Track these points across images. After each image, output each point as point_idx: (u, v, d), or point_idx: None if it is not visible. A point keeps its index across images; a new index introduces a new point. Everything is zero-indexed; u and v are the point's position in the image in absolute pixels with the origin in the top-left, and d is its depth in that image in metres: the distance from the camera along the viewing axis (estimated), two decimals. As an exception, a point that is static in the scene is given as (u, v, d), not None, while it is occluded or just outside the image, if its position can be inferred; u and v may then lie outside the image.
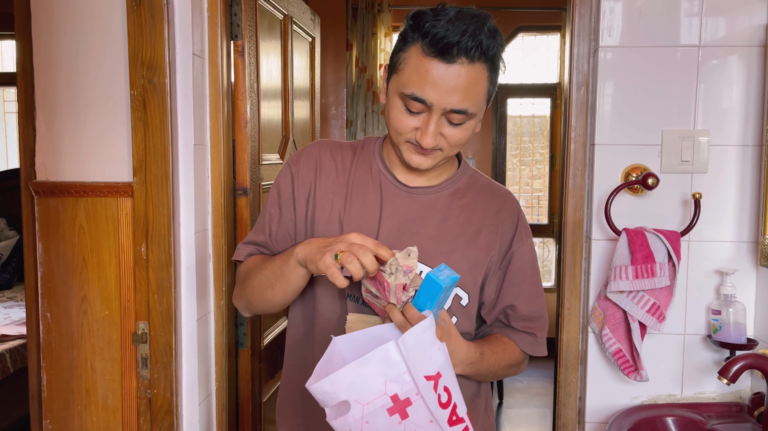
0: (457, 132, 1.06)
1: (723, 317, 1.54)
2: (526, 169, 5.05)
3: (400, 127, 1.07)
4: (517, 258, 1.20)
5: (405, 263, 0.98)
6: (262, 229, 1.22)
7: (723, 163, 1.58)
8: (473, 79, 1.02)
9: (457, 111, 1.03)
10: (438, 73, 1.00)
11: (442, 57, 1.00)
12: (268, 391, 2.09)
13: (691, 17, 1.57)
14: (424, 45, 1.00)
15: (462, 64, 1.00)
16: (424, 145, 1.05)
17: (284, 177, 1.20)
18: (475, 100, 1.04)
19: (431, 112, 1.03)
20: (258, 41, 1.92)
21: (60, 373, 1.61)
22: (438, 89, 1.01)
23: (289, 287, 1.09)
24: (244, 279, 1.19)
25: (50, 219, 1.58)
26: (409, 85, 1.03)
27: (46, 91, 1.58)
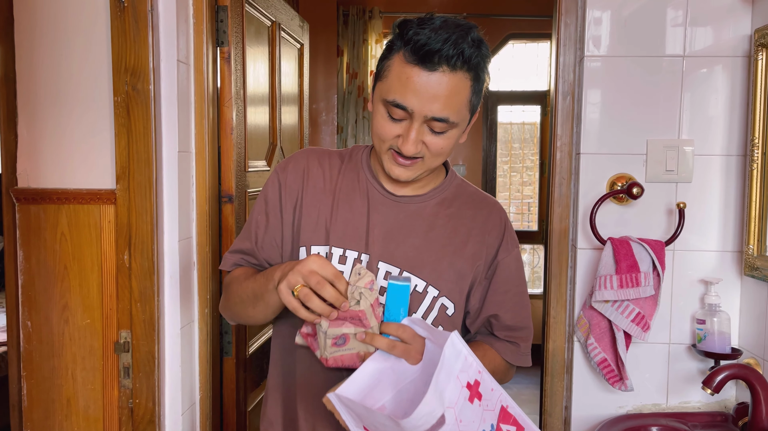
0: (438, 141, 1.06)
1: (707, 326, 1.54)
2: (516, 175, 5.06)
3: (382, 133, 1.07)
4: (502, 268, 1.19)
5: (364, 282, 0.97)
6: (248, 237, 1.21)
7: (707, 172, 1.59)
8: (454, 87, 1.02)
9: (437, 119, 1.03)
10: (419, 81, 1.00)
11: (423, 64, 1.00)
12: (253, 400, 2.08)
13: (676, 27, 1.57)
14: (407, 52, 1.01)
15: (443, 72, 1.00)
16: (405, 152, 1.05)
17: (272, 185, 1.19)
18: (456, 109, 1.03)
19: (412, 119, 1.03)
20: (245, 47, 1.91)
21: (41, 382, 1.59)
22: (419, 96, 1.01)
23: (269, 308, 1.09)
24: (229, 292, 1.19)
25: (31, 227, 1.56)
26: (392, 91, 1.03)
27: (29, 97, 1.56)
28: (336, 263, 1.13)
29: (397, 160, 1.08)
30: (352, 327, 0.98)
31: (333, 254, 1.13)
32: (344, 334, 0.98)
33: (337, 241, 1.13)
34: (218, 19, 1.78)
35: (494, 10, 4.50)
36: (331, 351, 0.99)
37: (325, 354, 0.99)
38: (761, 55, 1.48)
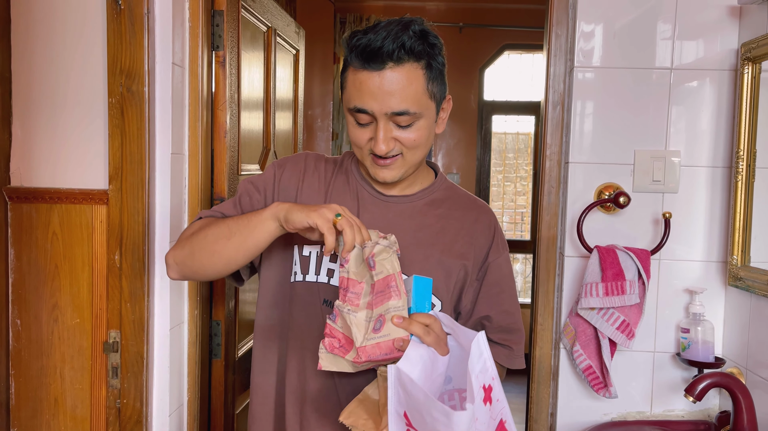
0: (409, 134, 1.09)
1: (692, 335, 1.56)
2: (510, 185, 5.09)
3: (356, 140, 1.12)
4: (493, 269, 1.21)
5: (392, 244, 0.99)
6: (233, 207, 1.22)
7: (693, 183, 1.61)
8: (406, 79, 1.05)
9: (398, 113, 1.06)
10: (371, 82, 1.04)
11: (369, 66, 1.04)
12: (241, 403, 2.08)
13: (665, 40, 1.60)
14: (354, 59, 1.06)
15: (391, 68, 1.04)
16: (378, 151, 1.08)
17: (268, 176, 1.22)
18: (414, 100, 1.06)
19: (377, 120, 1.07)
20: (240, 52, 1.93)
21: (29, 381, 1.59)
22: (375, 97, 1.05)
23: (249, 240, 1.07)
24: (192, 233, 1.15)
25: (23, 225, 1.57)
26: (352, 99, 1.08)
27: (24, 97, 1.58)
28: (327, 262, 1.16)
29: (378, 162, 1.11)
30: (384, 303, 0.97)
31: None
32: (380, 316, 0.97)
33: None
34: (214, 23, 1.80)
35: (490, 21, 4.54)
36: (370, 338, 0.96)
37: (365, 341, 0.96)
38: (747, 68, 1.51)
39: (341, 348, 0.98)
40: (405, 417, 0.92)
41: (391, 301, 0.97)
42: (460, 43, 4.55)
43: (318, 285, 1.17)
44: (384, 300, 0.98)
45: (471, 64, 4.65)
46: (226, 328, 1.91)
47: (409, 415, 0.92)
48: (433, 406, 0.87)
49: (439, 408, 0.86)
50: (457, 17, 4.55)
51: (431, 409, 0.87)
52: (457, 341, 1.02)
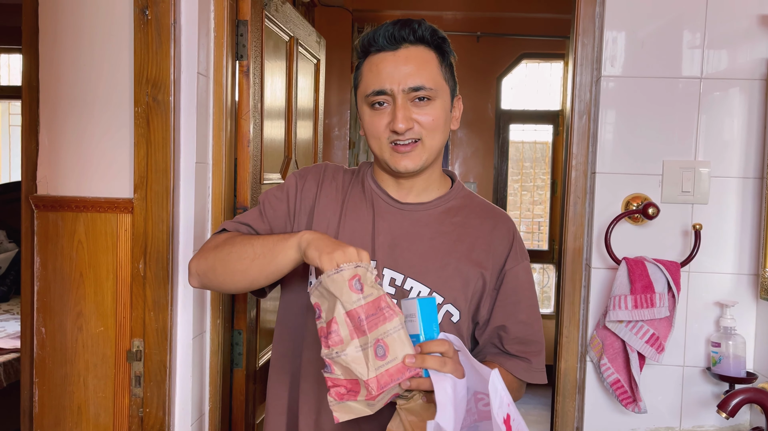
0: (427, 113, 1.11)
1: (722, 350, 1.53)
2: (527, 194, 5.06)
3: (374, 129, 1.12)
4: (510, 278, 1.19)
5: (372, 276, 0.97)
6: (260, 217, 1.21)
7: (723, 194, 1.58)
8: (421, 57, 1.11)
9: (415, 88, 1.09)
10: (387, 62, 1.10)
11: (387, 46, 1.11)
12: (261, 413, 2.07)
13: (693, 49, 1.58)
14: (370, 49, 1.12)
15: (407, 48, 1.11)
16: (398, 129, 1.09)
17: (290, 185, 1.23)
18: (430, 76, 1.10)
19: (395, 99, 1.10)
20: (263, 62, 1.94)
21: (52, 389, 1.59)
22: (391, 75, 1.09)
23: (271, 265, 1.06)
24: (219, 245, 1.14)
25: (49, 234, 1.58)
26: (369, 85, 1.12)
27: (51, 106, 1.59)
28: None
29: (398, 149, 1.11)
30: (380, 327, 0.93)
31: None
32: (379, 340, 0.92)
33: None
34: (238, 33, 1.81)
35: (508, 30, 4.54)
36: (377, 366, 0.92)
37: (371, 373, 0.91)
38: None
39: (350, 392, 0.94)
40: None
41: (387, 324, 0.93)
42: (478, 52, 4.54)
43: None
44: (378, 323, 0.93)
45: (488, 73, 4.64)
46: (247, 338, 1.90)
47: None
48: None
49: None
50: (474, 26, 4.54)
51: None
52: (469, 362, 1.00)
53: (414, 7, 4.45)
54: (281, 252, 1.04)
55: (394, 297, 1.12)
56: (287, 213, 1.21)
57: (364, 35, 1.13)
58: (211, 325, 1.75)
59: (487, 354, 1.21)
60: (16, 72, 4.76)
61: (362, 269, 0.94)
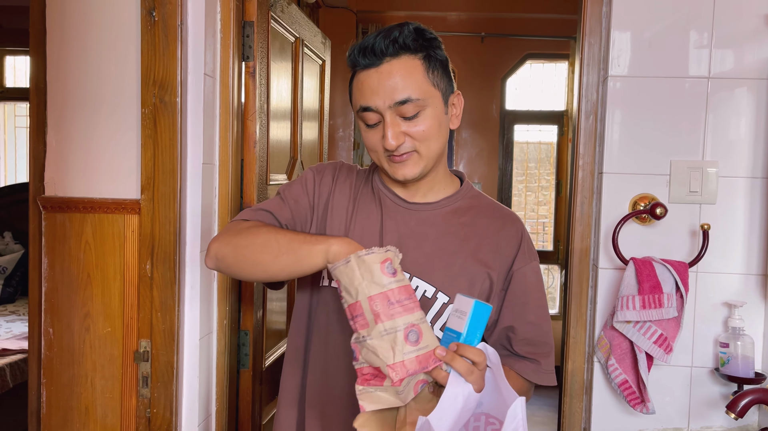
0: (417, 126, 1.09)
1: (731, 350, 1.52)
2: (531, 195, 5.05)
3: (370, 144, 1.13)
4: (518, 278, 1.18)
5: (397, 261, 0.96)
6: (283, 206, 1.20)
7: (731, 194, 1.58)
8: (405, 69, 1.08)
9: (400, 102, 1.07)
10: (371, 79, 1.08)
11: (367, 64, 1.08)
12: (268, 413, 2.07)
13: (700, 49, 1.58)
14: (355, 62, 1.10)
15: (389, 62, 1.08)
16: (388, 146, 1.08)
17: (309, 178, 1.24)
18: (415, 87, 1.08)
19: (383, 115, 1.08)
20: (269, 63, 1.94)
21: (60, 390, 1.59)
22: (377, 91, 1.07)
23: (294, 266, 1.05)
24: (243, 231, 1.12)
25: (57, 235, 1.58)
26: (357, 101, 1.11)
27: (58, 107, 1.59)
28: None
29: (394, 160, 1.11)
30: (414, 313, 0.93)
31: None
32: (413, 326, 0.91)
33: None
34: (245, 34, 1.81)
35: (512, 31, 4.53)
36: (407, 351, 0.91)
37: (398, 357, 0.90)
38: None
39: (376, 379, 0.93)
40: None
41: (419, 312, 0.94)
42: (482, 52, 4.54)
43: None
44: (412, 309, 0.94)
45: (493, 73, 4.63)
46: (254, 338, 1.90)
47: None
48: None
49: None
50: (479, 27, 4.54)
51: None
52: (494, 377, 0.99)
53: (418, 8, 4.45)
54: (307, 256, 1.03)
55: None
56: (309, 205, 1.22)
57: (350, 50, 1.12)
58: (217, 326, 1.75)
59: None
60: (21, 74, 4.78)
61: (392, 253, 0.95)
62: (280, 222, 1.19)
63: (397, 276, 0.93)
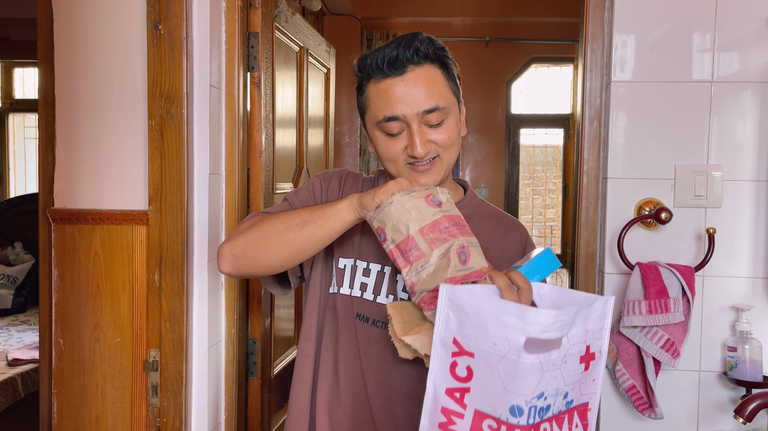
0: (442, 133, 1.10)
1: (739, 354, 1.52)
2: (539, 198, 5.05)
3: (390, 154, 1.12)
4: None
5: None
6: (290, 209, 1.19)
7: (737, 198, 1.58)
8: (429, 77, 1.09)
9: (429, 110, 1.08)
10: (397, 88, 1.08)
11: (393, 72, 1.08)
12: (277, 421, 2.08)
13: (703, 53, 1.58)
14: (374, 74, 1.10)
15: (413, 71, 1.08)
16: (417, 155, 1.08)
17: (316, 186, 1.25)
18: (440, 95, 1.09)
19: (409, 124, 1.08)
20: (274, 72, 1.96)
21: (71, 400, 1.61)
22: (403, 101, 1.07)
23: (323, 229, 1.04)
24: (257, 222, 1.11)
25: (66, 246, 1.60)
26: (380, 111, 1.10)
27: (67, 120, 1.61)
28: (360, 275, 1.16)
29: (417, 169, 1.12)
30: (464, 236, 0.95)
31: (357, 267, 1.18)
32: (463, 247, 0.93)
33: (361, 255, 1.18)
34: (249, 45, 1.83)
35: (517, 35, 4.54)
36: (459, 269, 0.93)
37: (455, 273, 0.92)
38: (791, 80, 1.47)
39: (438, 299, 0.92)
40: (455, 344, 0.84)
41: (470, 237, 0.96)
42: (487, 57, 4.55)
43: (352, 299, 1.18)
44: (463, 233, 0.96)
45: (498, 77, 4.64)
46: (262, 346, 1.91)
47: (461, 339, 0.83)
48: (503, 309, 0.79)
49: (511, 310, 0.78)
50: (483, 31, 4.55)
51: (500, 314, 0.79)
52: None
53: (422, 14, 4.46)
54: (334, 214, 1.03)
55: None
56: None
57: (363, 58, 1.11)
58: (226, 334, 1.76)
59: None
60: (30, 85, 4.83)
61: (433, 189, 0.98)
62: None
63: (443, 207, 0.97)
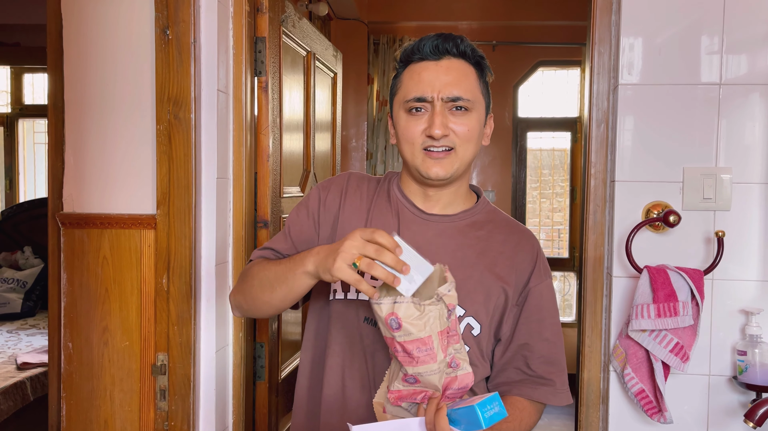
0: (463, 124, 1.13)
1: (749, 358, 1.50)
2: (546, 201, 5.03)
3: (410, 134, 1.14)
4: (534, 295, 1.18)
5: (447, 299, 0.97)
6: (285, 239, 1.24)
7: (746, 200, 1.57)
8: (462, 70, 1.14)
9: (454, 98, 1.11)
10: (430, 71, 1.13)
11: (429, 56, 1.13)
12: (284, 425, 2.08)
13: (711, 55, 1.57)
14: (413, 58, 1.15)
15: (449, 59, 1.14)
16: (434, 134, 1.10)
17: (313, 199, 1.24)
18: (468, 89, 1.13)
19: (433, 105, 1.12)
20: (281, 77, 1.96)
21: (79, 403, 1.62)
22: (432, 83, 1.12)
23: (291, 293, 1.09)
24: (246, 276, 1.19)
25: (75, 250, 1.61)
26: (410, 92, 1.13)
27: (76, 125, 1.62)
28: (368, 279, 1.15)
29: (431, 155, 1.13)
30: (454, 344, 0.99)
31: None
32: (453, 358, 0.99)
33: None
34: (257, 49, 1.83)
35: (524, 38, 4.53)
36: (449, 372, 0.99)
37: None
38: (800, 82, 1.47)
39: (417, 395, 1.02)
40: None
41: (458, 344, 1.00)
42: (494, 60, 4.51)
43: (358, 303, 1.16)
44: (456, 340, 1.00)
45: (505, 81, 4.63)
46: (269, 350, 1.91)
47: None
48: None
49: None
50: (490, 35, 4.55)
51: None
52: None
53: (430, 18, 4.47)
54: (295, 280, 1.06)
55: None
56: (312, 226, 1.22)
57: (408, 45, 1.17)
58: (233, 338, 1.77)
59: (510, 381, 1.18)
60: (39, 91, 4.87)
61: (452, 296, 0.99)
62: (281, 254, 1.22)
63: (451, 318, 0.99)
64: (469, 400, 0.98)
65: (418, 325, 0.93)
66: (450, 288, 0.97)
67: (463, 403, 0.98)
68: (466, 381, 1.01)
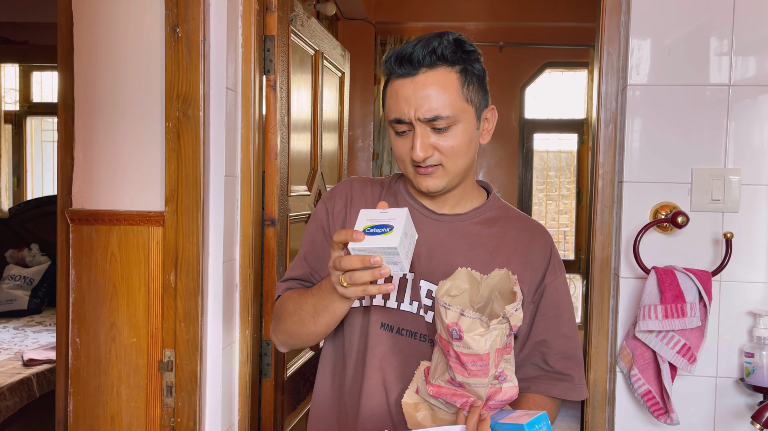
0: (447, 141, 1.08)
1: (756, 360, 1.50)
2: (552, 203, 5.03)
3: (399, 153, 1.12)
4: (550, 291, 1.18)
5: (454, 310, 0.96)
6: (300, 264, 1.23)
7: (755, 202, 1.56)
8: (440, 82, 1.06)
9: (432, 119, 1.06)
10: (405, 89, 1.07)
11: (403, 72, 1.07)
12: (290, 423, 2.08)
13: (720, 56, 1.57)
14: (391, 69, 1.09)
15: (425, 73, 1.06)
16: (416, 157, 1.08)
17: (321, 213, 1.23)
18: (448, 103, 1.06)
19: (414, 127, 1.08)
20: (289, 76, 1.97)
21: (86, 399, 1.62)
22: (409, 102, 1.06)
23: (334, 319, 1.08)
24: (282, 315, 1.18)
25: (84, 247, 1.61)
26: (391, 111, 1.10)
27: (86, 122, 1.63)
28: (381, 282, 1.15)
29: (419, 171, 1.11)
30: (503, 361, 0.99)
31: None
32: (502, 372, 0.99)
33: None
34: (265, 48, 1.84)
35: (530, 40, 4.53)
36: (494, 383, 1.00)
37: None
38: (810, 84, 1.46)
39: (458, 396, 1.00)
40: None
41: (509, 355, 1.02)
42: (501, 62, 4.54)
43: (375, 309, 1.15)
44: (506, 353, 1.01)
45: (512, 82, 4.63)
46: (275, 348, 1.92)
47: None
48: None
49: None
50: (497, 36, 4.55)
51: None
52: None
53: (436, 19, 4.47)
54: (334, 306, 1.05)
55: (430, 308, 1.13)
56: (325, 239, 1.21)
57: (386, 56, 1.11)
58: (240, 336, 1.77)
59: (528, 377, 1.18)
60: (48, 89, 4.89)
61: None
62: (304, 280, 1.22)
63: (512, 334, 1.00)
64: (512, 414, 0.98)
65: (479, 342, 0.93)
66: (517, 307, 0.95)
67: (508, 418, 0.97)
68: (510, 394, 1.00)
